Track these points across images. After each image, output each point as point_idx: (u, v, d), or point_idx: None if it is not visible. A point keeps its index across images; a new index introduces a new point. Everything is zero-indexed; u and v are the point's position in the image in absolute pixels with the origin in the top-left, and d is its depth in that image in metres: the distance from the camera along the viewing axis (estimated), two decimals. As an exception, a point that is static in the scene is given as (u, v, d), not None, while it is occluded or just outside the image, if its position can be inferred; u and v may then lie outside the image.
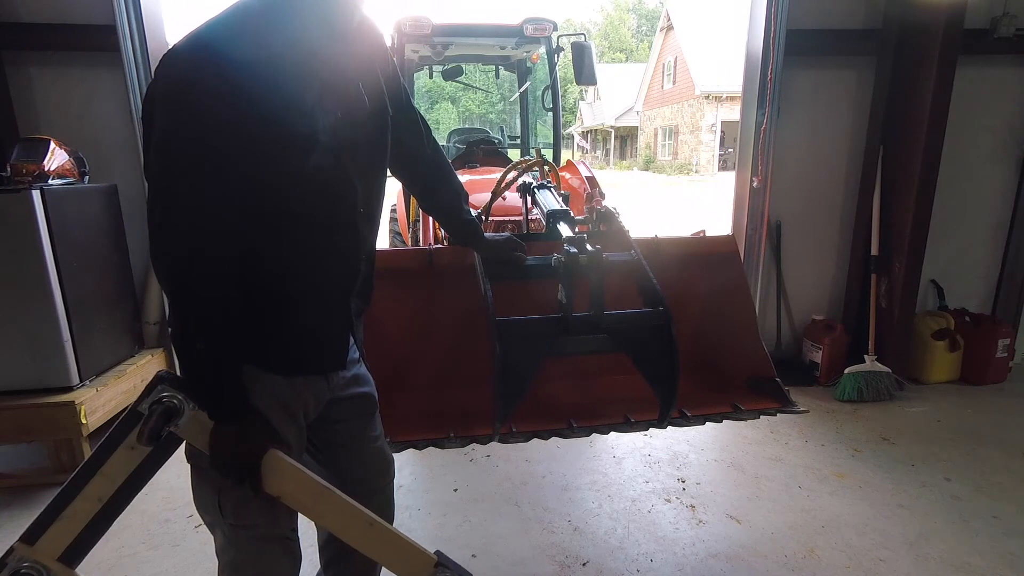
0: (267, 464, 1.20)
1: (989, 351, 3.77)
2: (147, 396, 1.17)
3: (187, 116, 1.05)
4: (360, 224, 1.32)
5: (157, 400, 1.15)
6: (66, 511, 1.18)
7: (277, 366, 1.26)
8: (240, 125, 1.06)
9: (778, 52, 3.51)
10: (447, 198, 1.67)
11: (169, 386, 1.17)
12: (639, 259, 1.81)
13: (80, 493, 1.18)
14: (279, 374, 1.26)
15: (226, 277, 1.12)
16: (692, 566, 2.22)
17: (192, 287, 1.10)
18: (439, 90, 12.17)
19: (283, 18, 1.12)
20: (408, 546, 1.29)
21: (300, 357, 1.30)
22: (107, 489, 1.19)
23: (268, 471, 1.20)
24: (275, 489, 1.22)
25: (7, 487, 2.77)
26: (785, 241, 3.92)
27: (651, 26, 45.95)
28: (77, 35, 3.17)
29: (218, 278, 1.11)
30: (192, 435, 1.19)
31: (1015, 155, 3.90)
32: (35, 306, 2.65)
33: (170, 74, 1.07)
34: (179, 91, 1.06)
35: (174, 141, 1.06)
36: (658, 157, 29.47)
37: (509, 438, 1.86)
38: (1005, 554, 2.25)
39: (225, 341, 1.14)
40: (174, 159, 1.07)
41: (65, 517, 1.18)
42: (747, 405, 2.00)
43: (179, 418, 1.17)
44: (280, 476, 1.21)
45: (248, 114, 1.06)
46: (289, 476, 1.22)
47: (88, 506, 1.19)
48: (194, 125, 1.05)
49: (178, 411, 1.16)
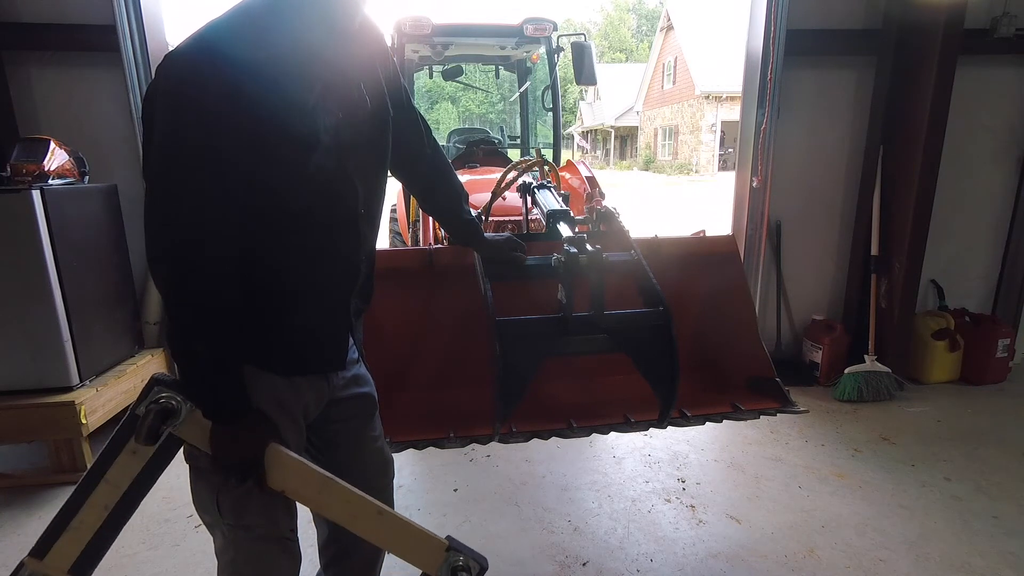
0: (269, 459, 1.19)
1: (989, 351, 3.77)
2: (144, 398, 1.17)
3: (188, 117, 1.05)
4: (361, 224, 1.32)
5: (154, 400, 1.15)
6: (73, 522, 1.17)
7: (277, 366, 1.26)
8: (241, 126, 1.05)
9: (778, 52, 3.51)
10: (447, 198, 1.67)
11: (166, 388, 1.16)
12: (639, 259, 1.81)
13: (86, 502, 1.18)
14: (279, 374, 1.26)
15: (227, 278, 1.11)
16: (692, 566, 2.22)
17: (193, 288, 1.09)
18: (439, 90, 12.17)
19: (285, 19, 1.12)
20: (418, 532, 1.28)
21: (300, 357, 1.30)
22: (112, 496, 1.18)
23: (271, 466, 1.20)
24: (279, 484, 1.21)
25: (7, 487, 2.77)
26: (785, 241, 3.92)
27: (651, 26, 45.96)
28: (77, 35, 3.17)
29: (219, 279, 1.10)
30: (191, 435, 1.19)
31: (1015, 155, 3.90)
32: (35, 306, 2.65)
33: (171, 75, 1.06)
34: (180, 92, 1.05)
35: (175, 142, 1.06)
36: (658, 157, 29.47)
37: (509, 438, 1.86)
38: (1005, 554, 2.25)
39: (225, 342, 1.14)
40: (175, 160, 1.07)
41: (72, 528, 1.17)
42: (747, 405, 2.00)
43: (176, 419, 1.17)
44: (283, 470, 1.21)
45: (249, 115, 1.06)
46: (292, 469, 1.22)
47: (95, 514, 1.18)
48: (196, 126, 1.04)
49: (175, 412, 1.16)
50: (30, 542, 1.19)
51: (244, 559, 1.34)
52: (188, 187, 1.07)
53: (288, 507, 1.34)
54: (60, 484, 2.75)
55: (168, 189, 1.08)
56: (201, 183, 1.06)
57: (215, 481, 1.26)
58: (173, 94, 1.06)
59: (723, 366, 2.17)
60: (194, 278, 1.09)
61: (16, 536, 2.41)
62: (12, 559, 2.21)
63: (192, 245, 1.07)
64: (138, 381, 3.15)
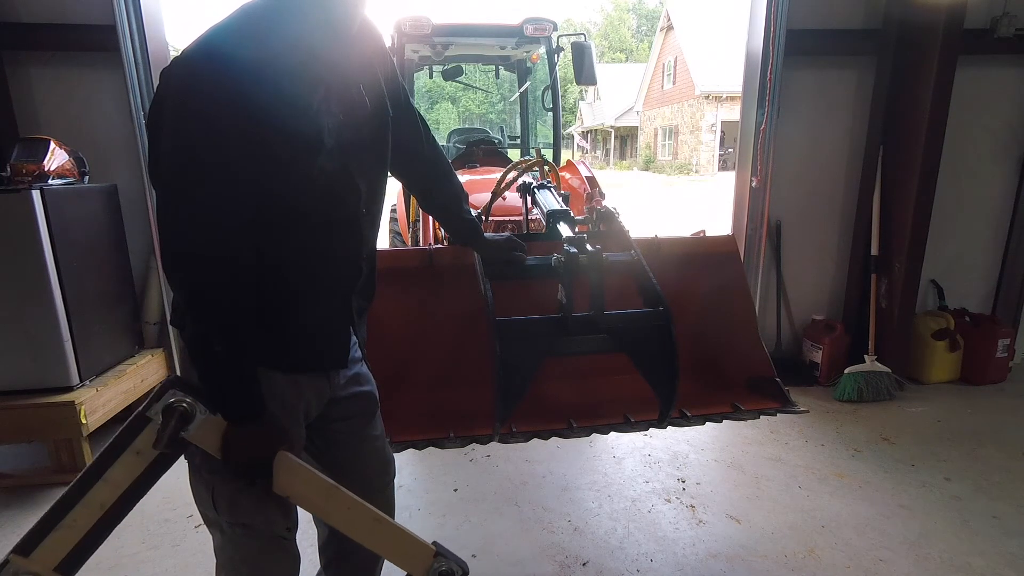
0: (277, 464, 1.20)
1: (989, 351, 3.77)
2: (157, 401, 1.16)
3: (197, 125, 1.05)
4: (363, 224, 1.33)
5: (169, 405, 1.15)
6: (66, 519, 1.17)
7: (279, 364, 1.26)
8: (247, 130, 1.06)
9: (778, 52, 3.51)
10: (447, 198, 1.67)
11: (180, 391, 1.16)
12: (639, 259, 1.80)
13: (82, 500, 1.17)
14: (280, 372, 1.27)
15: (242, 281, 1.13)
16: (692, 566, 2.22)
17: (213, 291, 1.10)
18: (439, 90, 12.16)
19: (285, 20, 1.13)
20: (410, 539, 1.32)
21: (302, 355, 1.31)
22: (110, 495, 1.18)
23: (278, 471, 1.20)
24: (285, 489, 1.22)
25: (7, 487, 2.77)
26: (785, 241, 3.92)
27: (651, 26, 45.94)
28: (77, 35, 3.17)
29: (234, 282, 1.12)
30: (202, 439, 1.18)
31: (1015, 155, 3.90)
32: (35, 306, 2.65)
33: (178, 82, 1.07)
34: (188, 100, 1.06)
35: (184, 151, 1.07)
36: (658, 157, 29.47)
37: (509, 438, 1.86)
38: (1005, 554, 2.25)
39: (244, 344, 1.15)
40: (185, 169, 1.07)
41: (64, 526, 1.16)
42: (747, 405, 2.00)
43: (191, 423, 1.16)
44: (290, 476, 1.22)
45: (255, 119, 1.07)
46: (299, 476, 1.23)
47: (89, 513, 1.17)
48: (204, 134, 1.05)
49: (191, 416, 1.16)
50: (29, 542, 1.19)
51: (241, 557, 1.34)
52: (199, 195, 1.08)
53: (283, 506, 1.34)
54: (60, 484, 2.74)
55: (180, 197, 1.09)
56: (212, 191, 1.07)
57: (210, 478, 1.27)
58: (181, 102, 1.07)
59: (723, 366, 2.17)
60: (210, 283, 1.10)
61: (16, 536, 2.39)
62: (12, 559, 2.22)
63: (211, 249, 1.09)
64: (138, 381, 3.15)
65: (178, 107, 1.07)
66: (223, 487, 1.27)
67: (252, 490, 1.23)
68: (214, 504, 1.29)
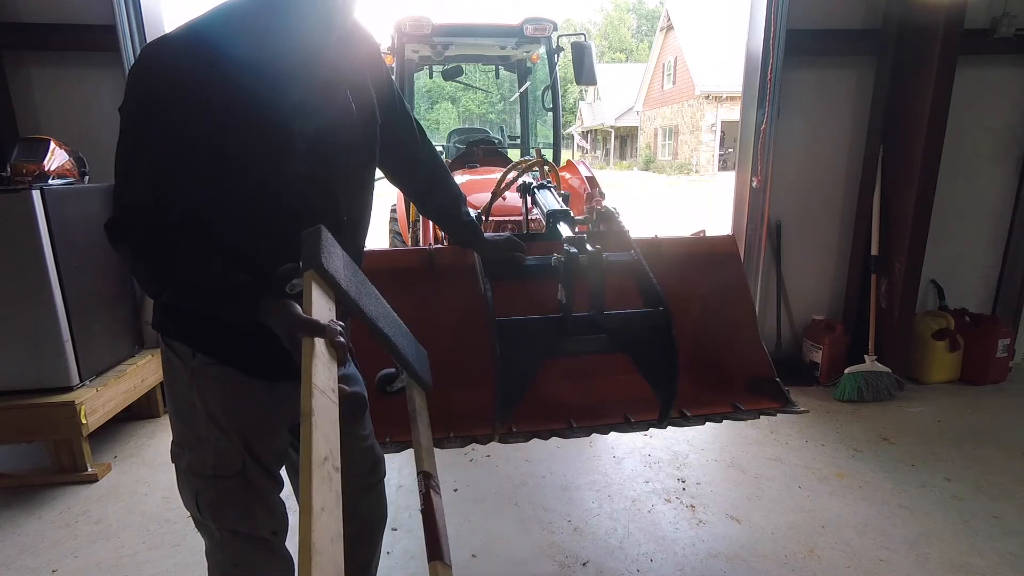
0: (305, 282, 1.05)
1: (989, 351, 3.77)
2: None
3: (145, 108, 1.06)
4: (343, 230, 1.28)
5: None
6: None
7: (260, 370, 1.25)
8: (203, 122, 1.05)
9: (778, 52, 3.51)
10: (445, 201, 1.67)
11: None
12: (639, 259, 1.80)
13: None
14: (262, 378, 1.26)
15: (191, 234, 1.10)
16: (692, 566, 2.22)
17: (157, 243, 1.08)
18: (439, 90, 12.17)
19: (268, 21, 1.11)
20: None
21: (283, 361, 1.28)
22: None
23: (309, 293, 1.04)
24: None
25: (7, 487, 2.76)
26: (785, 241, 3.92)
27: (651, 26, 45.96)
28: (77, 35, 3.17)
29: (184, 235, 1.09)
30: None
31: (1015, 155, 3.90)
32: (35, 306, 2.65)
33: (136, 67, 1.09)
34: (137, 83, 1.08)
35: (130, 134, 1.08)
36: (658, 157, 29.47)
37: (509, 438, 1.86)
38: (1005, 554, 2.25)
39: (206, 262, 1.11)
40: (135, 128, 1.08)
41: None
42: (747, 405, 2.00)
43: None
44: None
45: (211, 112, 1.05)
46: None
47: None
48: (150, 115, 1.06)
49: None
50: (30, 542, 1.19)
51: (230, 560, 1.34)
52: (131, 159, 1.08)
53: (269, 509, 1.34)
54: (60, 484, 2.75)
55: (121, 182, 1.10)
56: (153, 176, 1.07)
57: (195, 482, 1.27)
58: (130, 84, 1.09)
59: (723, 366, 2.17)
60: (147, 241, 1.08)
61: (16, 536, 2.40)
62: (12, 559, 2.21)
63: (136, 214, 1.07)
64: (138, 381, 3.15)
65: (128, 90, 1.08)
66: (206, 492, 1.27)
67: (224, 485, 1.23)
68: (197, 507, 1.29)
